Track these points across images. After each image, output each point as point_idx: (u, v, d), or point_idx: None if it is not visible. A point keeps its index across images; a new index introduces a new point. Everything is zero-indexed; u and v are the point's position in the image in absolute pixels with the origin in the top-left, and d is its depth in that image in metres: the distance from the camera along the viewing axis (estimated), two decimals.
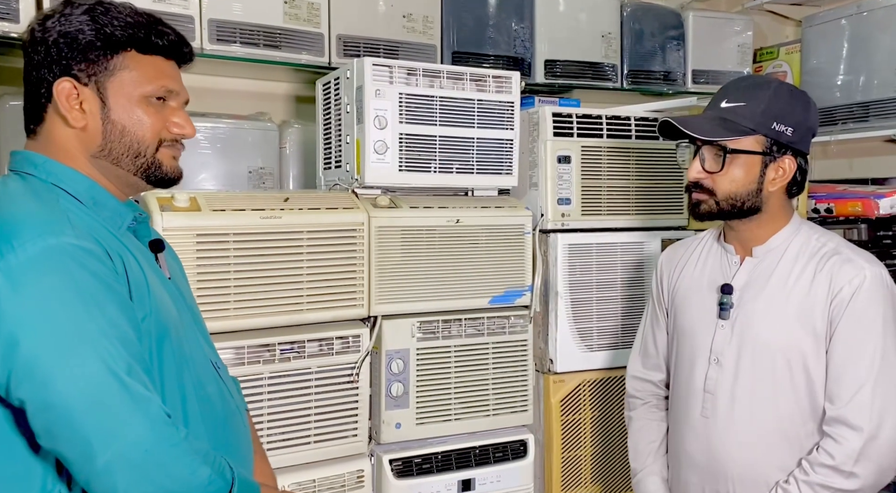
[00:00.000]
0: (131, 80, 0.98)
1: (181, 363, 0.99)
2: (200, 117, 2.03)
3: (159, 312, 0.96)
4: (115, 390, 0.83)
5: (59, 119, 0.97)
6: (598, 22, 2.51)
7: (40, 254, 0.84)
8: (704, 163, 1.31)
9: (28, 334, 0.82)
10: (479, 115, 1.85)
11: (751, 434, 1.30)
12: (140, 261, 0.98)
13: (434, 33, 2.26)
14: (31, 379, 0.82)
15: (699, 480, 1.37)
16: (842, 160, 2.67)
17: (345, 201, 1.72)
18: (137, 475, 0.83)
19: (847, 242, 1.33)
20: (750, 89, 1.30)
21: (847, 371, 1.23)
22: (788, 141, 1.28)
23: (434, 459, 1.78)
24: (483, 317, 1.85)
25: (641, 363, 1.56)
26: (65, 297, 0.84)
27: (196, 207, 1.53)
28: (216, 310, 1.52)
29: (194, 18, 1.94)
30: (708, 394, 1.35)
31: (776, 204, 1.32)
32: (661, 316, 1.53)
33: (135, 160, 1.00)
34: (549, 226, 1.93)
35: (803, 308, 1.27)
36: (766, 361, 1.29)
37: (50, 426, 0.83)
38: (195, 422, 0.99)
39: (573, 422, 1.97)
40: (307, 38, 2.08)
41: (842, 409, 1.22)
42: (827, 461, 1.22)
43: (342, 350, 1.67)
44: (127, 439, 0.83)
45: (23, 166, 0.97)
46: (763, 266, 1.33)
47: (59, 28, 0.95)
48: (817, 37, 2.59)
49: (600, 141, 1.97)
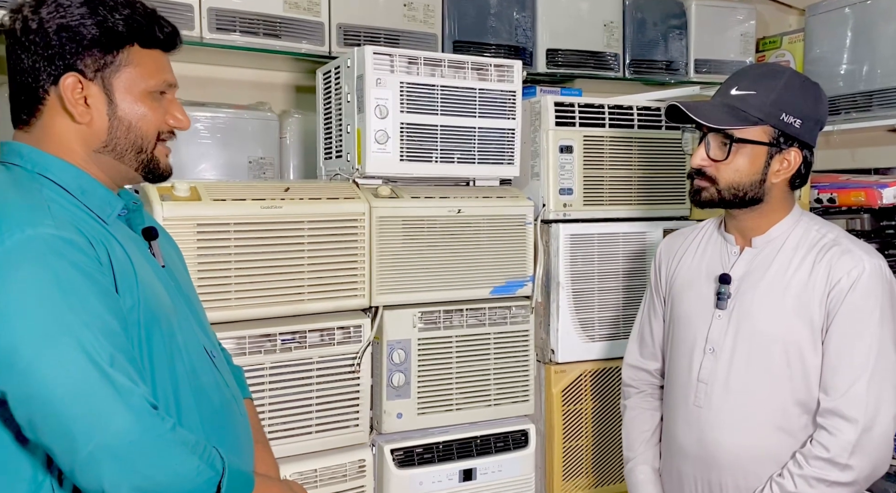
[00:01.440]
0: (136, 75, 0.98)
1: (173, 352, 0.98)
2: (200, 107, 2.02)
3: (149, 300, 0.95)
4: (96, 380, 0.83)
5: (61, 114, 0.95)
6: (600, 11, 2.50)
7: (18, 245, 0.83)
8: (709, 150, 1.29)
9: (7, 326, 0.82)
10: (480, 104, 1.84)
11: (744, 425, 1.29)
12: (128, 250, 0.96)
13: (435, 22, 2.25)
14: (12, 371, 0.82)
15: (691, 469, 1.37)
16: (844, 150, 2.66)
17: (346, 191, 1.71)
18: (122, 466, 0.83)
19: (847, 234, 1.31)
20: (761, 78, 1.28)
21: (842, 363, 1.22)
22: (796, 133, 1.26)
23: (435, 448, 1.78)
24: (485, 307, 1.85)
25: (638, 352, 1.55)
26: (44, 288, 0.83)
27: (196, 197, 1.52)
28: (217, 300, 1.52)
29: (194, 7, 1.93)
30: (702, 384, 1.34)
31: (778, 195, 1.30)
32: (659, 305, 1.52)
33: (137, 156, 1.00)
34: (550, 216, 1.92)
35: (801, 299, 1.25)
36: (763, 352, 1.28)
37: (32, 418, 0.83)
38: (188, 412, 0.98)
39: (574, 412, 1.97)
40: (307, 27, 2.07)
41: (837, 400, 1.21)
42: (822, 453, 1.21)
43: (343, 340, 1.67)
44: (109, 430, 0.82)
45: (8, 157, 0.96)
46: (762, 257, 1.32)
47: (57, 20, 0.93)
48: (821, 26, 2.57)
49: (602, 131, 1.96)
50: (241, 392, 1.15)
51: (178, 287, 1.08)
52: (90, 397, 0.82)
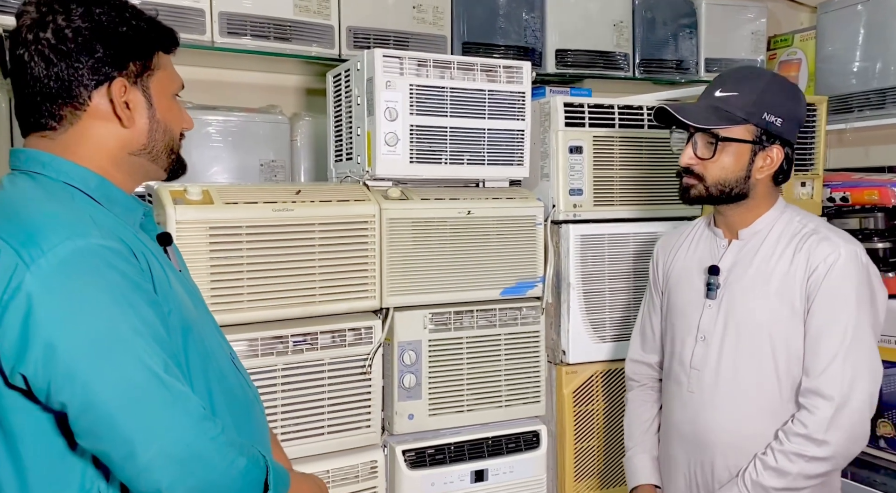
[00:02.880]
0: (165, 78, 1.01)
1: (205, 357, 1.00)
2: (212, 110, 2.04)
3: (181, 306, 0.97)
4: (153, 388, 0.84)
5: (101, 119, 0.95)
6: (609, 11, 2.49)
7: (70, 256, 0.84)
8: (696, 149, 1.37)
9: (64, 338, 0.83)
10: (489, 105, 1.84)
11: (733, 408, 1.37)
12: (158, 257, 0.99)
13: (444, 24, 2.26)
14: (71, 383, 0.83)
15: (685, 453, 1.44)
16: (858, 148, 2.63)
17: (356, 193, 1.72)
18: (180, 471, 0.84)
19: (827, 223, 1.39)
20: (744, 80, 1.35)
21: (821, 344, 1.29)
22: (777, 131, 1.34)
23: (447, 449, 1.79)
24: (495, 308, 1.85)
25: (640, 346, 1.63)
26: (97, 298, 0.85)
27: (209, 200, 1.54)
28: (230, 302, 1.53)
29: (205, 12, 1.95)
30: (694, 370, 1.42)
31: (763, 190, 1.38)
32: (657, 300, 1.59)
33: (169, 156, 1.03)
34: (560, 217, 1.92)
35: (784, 286, 1.33)
36: (750, 338, 1.35)
37: (92, 428, 0.84)
38: (222, 414, 1.00)
39: (586, 413, 1.96)
40: (317, 31, 2.08)
41: (815, 380, 1.28)
42: (800, 430, 1.28)
43: (354, 342, 1.68)
44: (169, 436, 0.84)
45: (29, 165, 0.95)
46: (748, 248, 1.39)
47: (95, 27, 0.93)
48: (833, 23, 2.56)
49: (612, 131, 1.96)
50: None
51: (195, 292, 1.10)
52: (148, 405, 0.84)
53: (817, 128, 2.10)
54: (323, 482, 1.15)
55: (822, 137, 2.12)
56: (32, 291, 0.82)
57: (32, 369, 0.83)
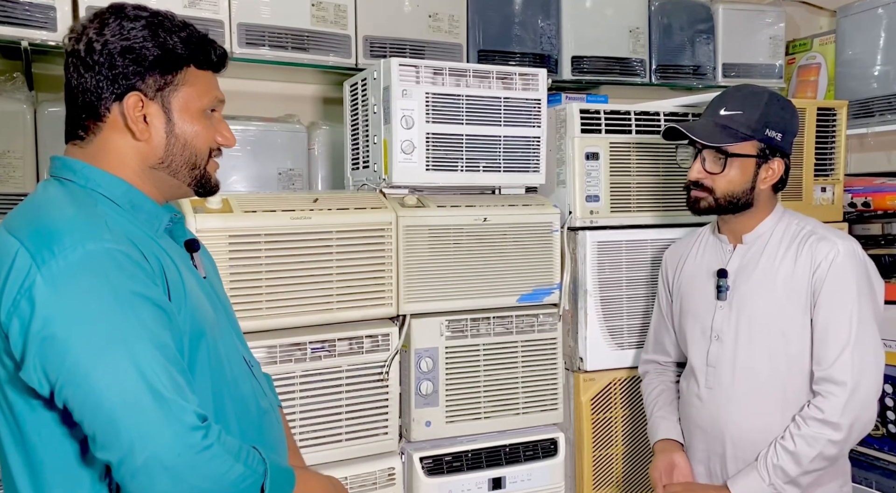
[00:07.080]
0: (192, 94, 1.02)
1: (217, 363, 1.01)
2: (231, 120, 2.06)
3: (196, 312, 0.99)
4: (146, 394, 0.86)
5: (121, 131, 0.99)
6: (625, 17, 2.49)
7: (80, 259, 0.87)
8: (705, 164, 1.47)
9: (68, 337, 0.85)
10: (505, 113, 1.84)
11: (750, 401, 1.46)
12: (176, 262, 1.00)
13: (460, 32, 2.27)
14: (72, 379, 0.85)
15: (704, 444, 1.54)
16: (880, 153, 2.60)
17: (373, 201, 1.73)
18: (173, 478, 0.85)
19: (822, 224, 1.50)
20: (746, 98, 1.46)
21: (829, 335, 1.39)
22: (778, 145, 1.46)
23: (464, 457, 1.78)
24: (512, 315, 1.85)
25: (651, 349, 1.76)
26: (102, 296, 0.87)
27: (228, 209, 1.56)
28: (249, 309, 1.55)
29: (224, 23, 1.97)
30: (711, 368, 1.52)
31: (764, 199, 1.50)
32: (666, 306, 1.69)
33: (191, 171, 1.04)
34: (577, 223, 1.92)
35: (790, 285, 1.43)
36: (761, 334, 1.46)
37: (93, 428, 0.86)
38: (229, 420, 1.01)
39: (604, 420, 1.95)
40: (334, 40, 2.10)
41: (828, 369, 1.38)
42: (817, 414, 1.37)
43: (372, 349, 1.68)
44: (159, 442, 0.85)
45: (62, 172, 1.00)
46: (753, 251, 1.51)
47: (121, 41, 0.96)
48: (853, 27, 2.53)
49: (629, 137, 1.95)
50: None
51: (218, 298, 1.11)
52: (139, 411, 0.85)
53: (837, 132, 2.08)
54: (341, 484, 1.14)
55: (842, 142, 2.10)
56: (41, 290, 0.85)
57: (41, 367, 0.85)
